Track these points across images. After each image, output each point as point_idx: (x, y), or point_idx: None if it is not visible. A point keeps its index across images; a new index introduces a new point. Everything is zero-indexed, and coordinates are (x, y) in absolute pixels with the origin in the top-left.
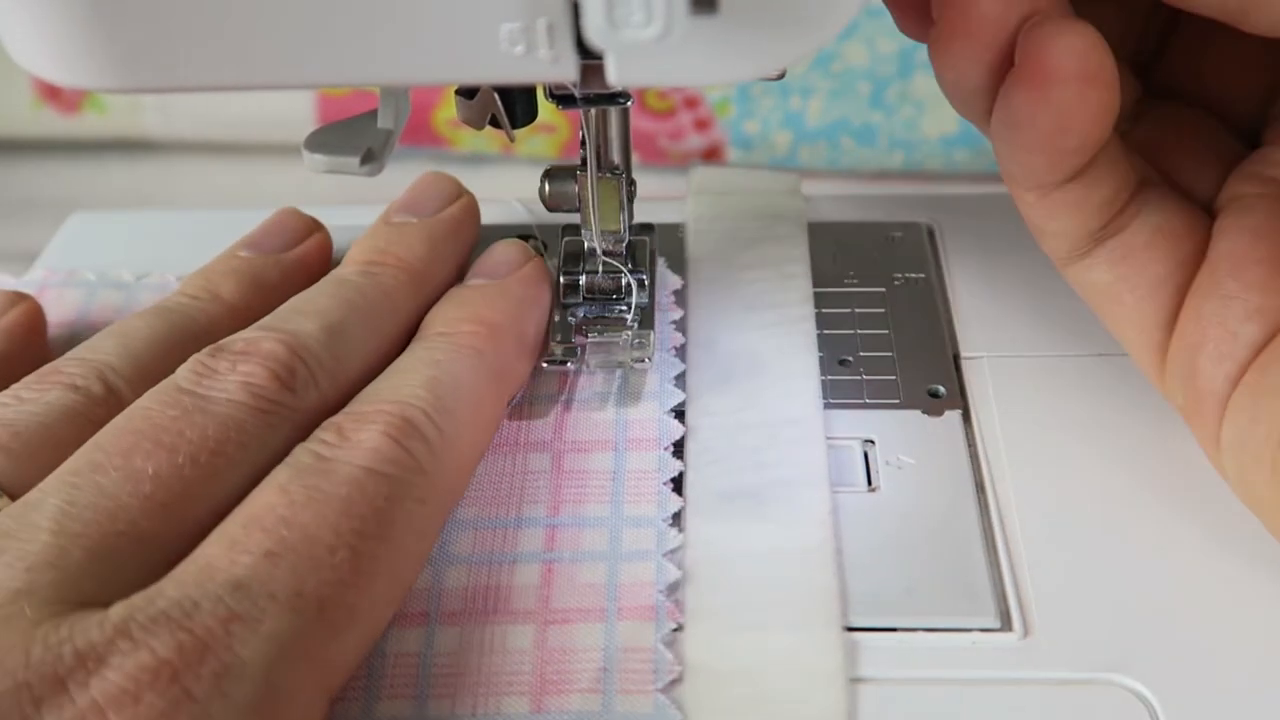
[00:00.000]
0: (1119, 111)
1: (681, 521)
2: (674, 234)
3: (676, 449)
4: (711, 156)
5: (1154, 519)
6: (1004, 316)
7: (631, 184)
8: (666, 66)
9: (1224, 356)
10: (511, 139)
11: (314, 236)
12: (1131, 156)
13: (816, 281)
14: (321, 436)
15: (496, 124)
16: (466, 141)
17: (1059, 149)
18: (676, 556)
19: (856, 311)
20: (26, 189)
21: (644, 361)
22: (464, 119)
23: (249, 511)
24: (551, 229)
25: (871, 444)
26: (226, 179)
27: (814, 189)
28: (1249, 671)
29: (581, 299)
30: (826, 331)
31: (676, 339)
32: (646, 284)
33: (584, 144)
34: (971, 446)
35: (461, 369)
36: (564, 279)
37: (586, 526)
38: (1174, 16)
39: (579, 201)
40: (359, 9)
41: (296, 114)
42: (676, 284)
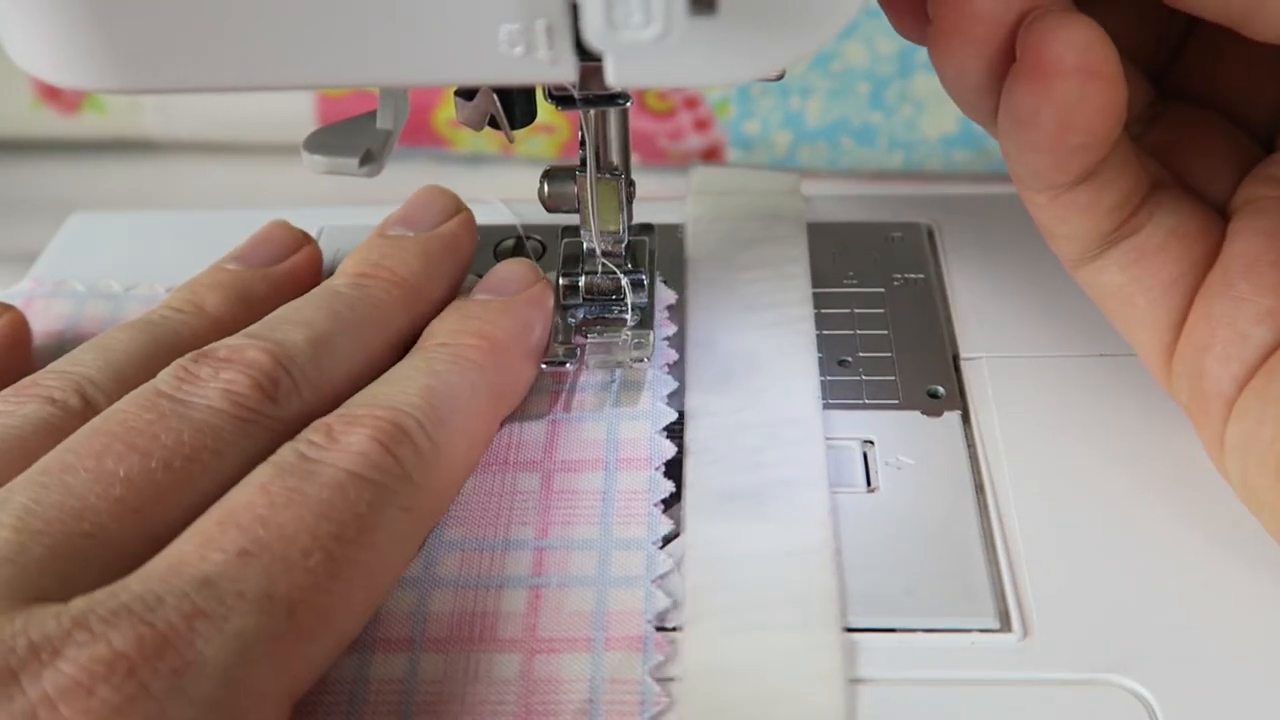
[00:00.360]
0: (1128, 112)
1: (681, 522)
2: (674, 234)
3: (668, 469)
4: (711, 157)
5: (1153, 519)
6: (1003, 317)
7: (630, 184)
8: (665, 67)
9: (1232, 358)
10: (511, 140)
11: (304, 250)
12: (1144, 159)
13: (816, 282)
14: (310, 436)
15: (496, 125)
16: (466, 142)
17: (1065, 147)
18: (674, 587)
19: (856, 312)
20: (26, 189)
21: (643, 361)
22: (463, 120)
23: (227, 508)
24: (551, 229)
25: (871, 444)
26: (226, 179)
27: (814, 189)
28: (1248, 671)
29: (581, 300)
30: (826, 332)
31: (670, 355)
32: (646, 284)
33: (583, 144)
34: (971, 447)
35: (459, 381)
36: (563, 280)
37: (575, 549)
38: (1189, 21)
39: (578, 202)
40: (359, 10)
41: (296, 114)
42: (671, 299)
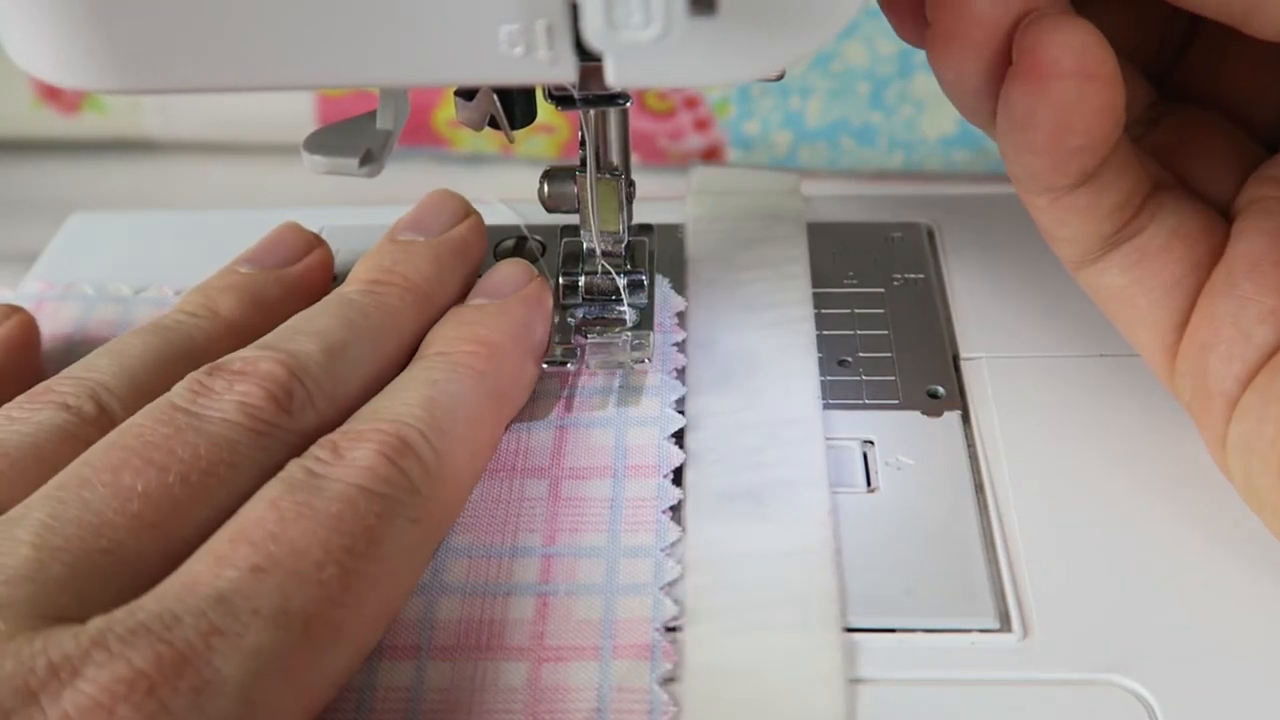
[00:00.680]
0: (1128, 114)
1: (682, 522)
2: (674, 234)
3: (676, 476)
4: (711, 157)
5: (1154, 519)
6: (1003, 317)
7: (630, 185)
8: (665, 68)
9: (1235, 357)
10: (511, 140)
11: (315, 252)
12: (1144, 160)
13: (816, 282)
14: (316, 453)
15: (496, 125)
16: (466, 142)
17: (1063, 149)
18: (675, 589)
19: (856, 312)
20: (26, 189)
21: (644, 362)
22: (463, 120)
23: (238, 526)
24: (549, 229)
25: (871, 444)
26: (226, 179)
27: (814, 189)
28: (1248, 672)
29: (581, 300)
30: (826, 332)
31: (679, 360)
32: (646, 284)
33: (583, 145)
34: (971, 447)
35: (460, 389)
36: (563, 280)
37: (583, 557)
38: (1192, 21)
39: (578, 202)
40: (359, 10)
41: (296, 114)
42: (680, 305)
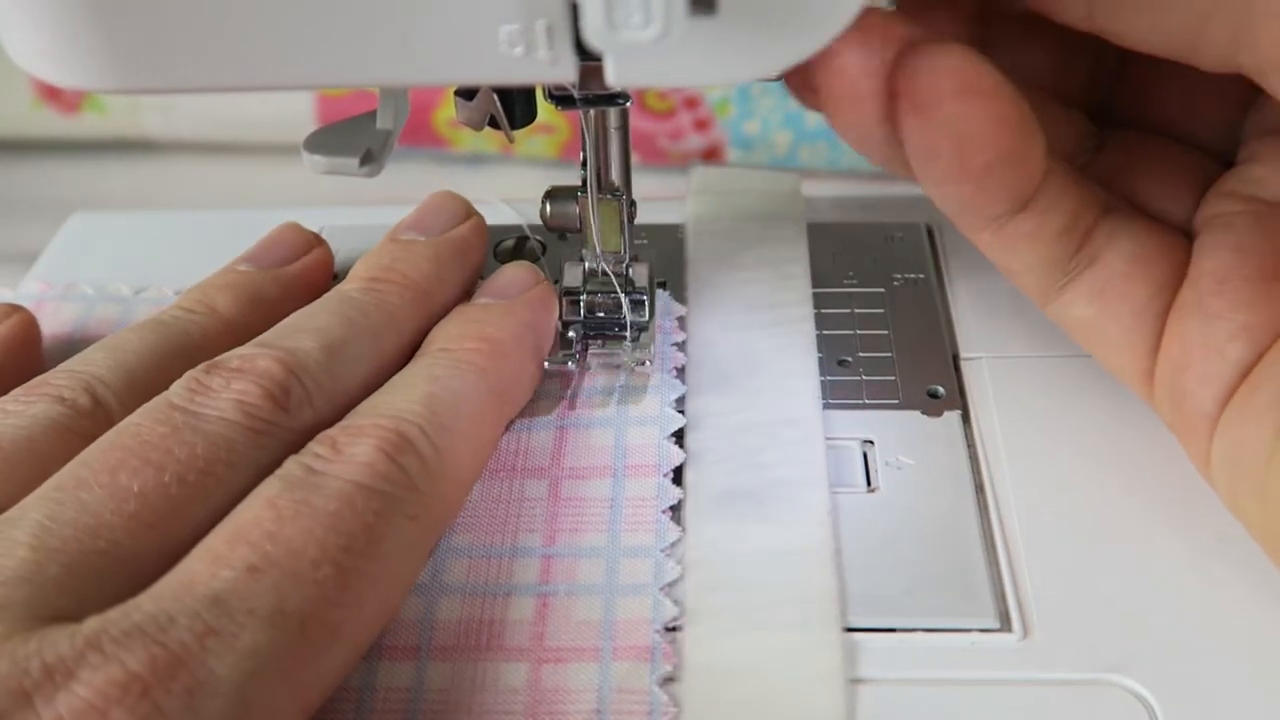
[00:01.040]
0: (1063, 146)
1: (682, 522)
2: (674, 234)
3: (676, 475)
4: (711, 157)
5: (1153, 519)
6: (1003, 317)
7: (632, 204)
8: (665, 67)
9: (1211, 377)
10: (511, 140)
11: (315, 251)
12: (1088, 184)
13: (816, 282)
14: (314, 450)
15: (496, 125)
16: (466, 142)
17: (972, 169)
18: (675, 589)
19: (856, 312)
20: (26, 189)
21: (645, 364)
22: (463, 120)
23: (234, 525)
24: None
25: (871, 444)
26: (226, 179)
27: (814, 189)
28: (1248, 672)
29: (582, 318)
30: (826, 332)
31: (679, 359)
32: (647, 303)
33: (584, 165)
34: (971, 447)
35: (461, 386)
36: (565, 299)
37: (583, 557)
38: (1124, 50)
39: (580, 222)
40: (359, 10)
41: (296, 114)
42: (680, 312)
